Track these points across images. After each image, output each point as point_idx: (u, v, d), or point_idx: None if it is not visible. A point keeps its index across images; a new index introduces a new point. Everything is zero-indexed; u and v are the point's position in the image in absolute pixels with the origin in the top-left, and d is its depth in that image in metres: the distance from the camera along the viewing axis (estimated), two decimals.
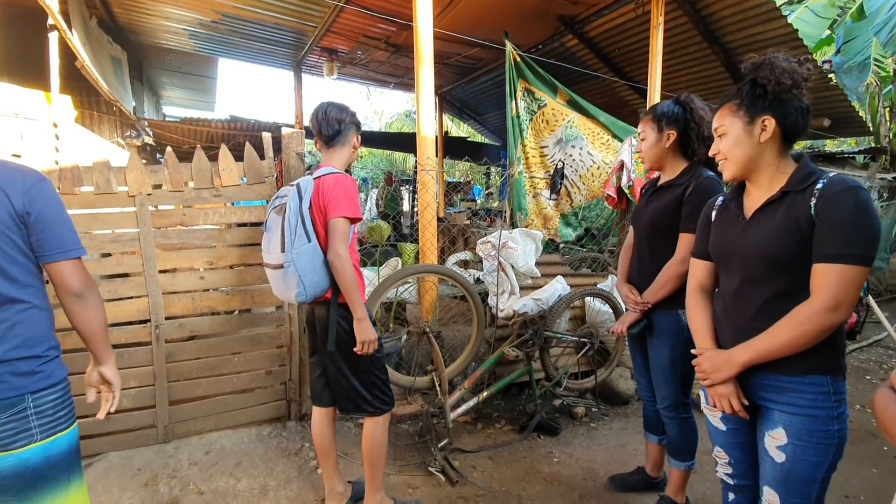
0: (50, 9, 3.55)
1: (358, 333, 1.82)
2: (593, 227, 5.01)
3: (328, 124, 1.91)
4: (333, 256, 1.77)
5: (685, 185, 1.85)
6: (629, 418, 3.08)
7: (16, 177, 1.16)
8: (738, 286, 1.32)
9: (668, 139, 1.89)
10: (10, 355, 1.16)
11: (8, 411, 1.15)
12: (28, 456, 1.17)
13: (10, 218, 1.14)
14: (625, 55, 6.48)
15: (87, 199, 2.40)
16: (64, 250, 1.23)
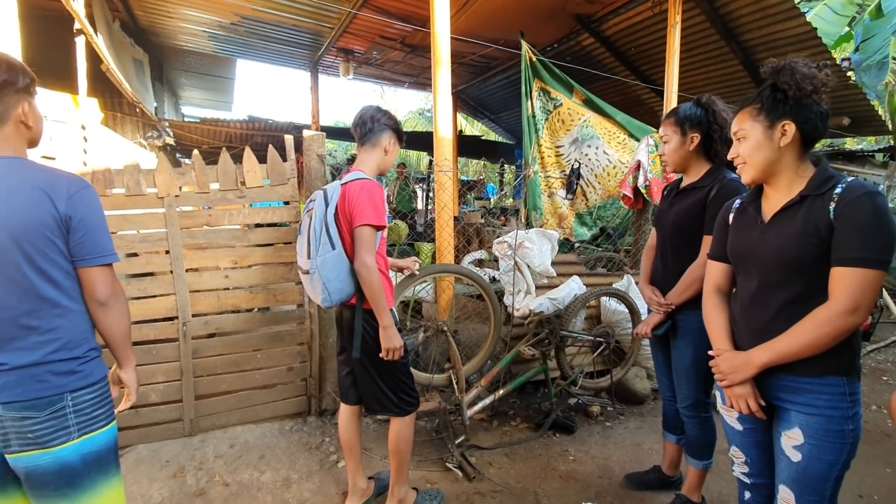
0: (77, 13, 3.65)
1: (384, 341, 1.84)
2: (609, 226, 5.00)
3: (363, 122, 1.94)
4: (360, 266, 1.78)
5: (709, 187, 1.86)
6: (645, 417, 3.09)
7: (60, 182, 1.20)
8: (757, 288, 1.34)
9: (692, 142, 1.91)
10: (51, 357, 1.20)
11: (47, 409, 1.19)
12: (65, 454, 1.21)
13: (54, 221, 1.18)
14: (641, 54, 6.43)
15: (119, 201, 2.49)
16: (99, 255, 1.25)
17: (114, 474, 1.34)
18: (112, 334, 1.32)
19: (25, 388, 1.17)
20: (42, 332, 1.19)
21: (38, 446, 1.18)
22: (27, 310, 1.17)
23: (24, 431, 1.17)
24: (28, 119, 1.22)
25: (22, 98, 1.20)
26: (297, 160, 2.82)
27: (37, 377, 1.18)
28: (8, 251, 1.14)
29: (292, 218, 2.84)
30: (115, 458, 1.36)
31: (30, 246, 1.15)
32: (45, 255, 1.18)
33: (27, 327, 1.18)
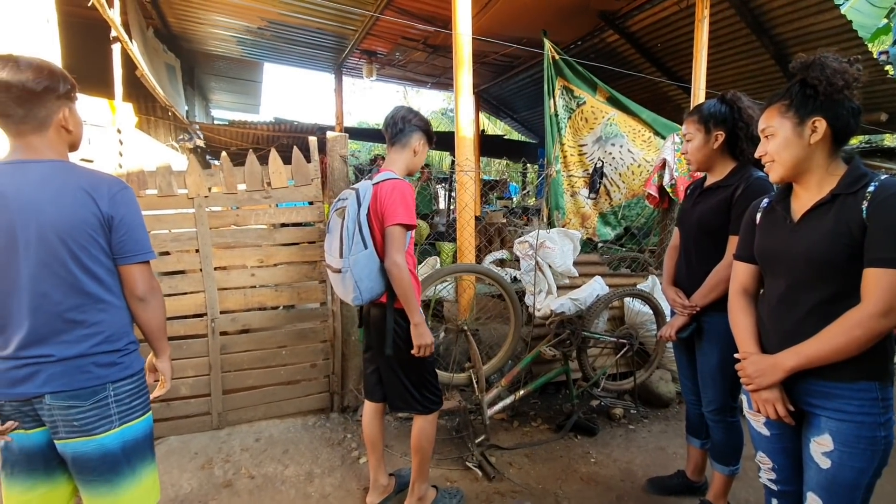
0: (113, 21, 3.81)
1: (415, 338, 1.87)
2: (633, 226, 4.92)
3: (394, 123, 1.96)
4: (391, 265, 1.80)
5: (735, 186, 1.82)
6: (669, 421, 3.03)
7: (102, 184, 1.27)
8: (786, 290, 1.30)
9: (716, 140, 1.86)
10: (95, 350, 1.27)
11: (91, 399, 1.26)
12: (108, 441, 1.28)
13: (97, 220, 1.24)
14: (668, 50, 6.30)
15: (151, 202, 2.59)
16: (139, 253, 1.32)
17: (150, 461, 1.41)
18: (150, 327, 1.40)
19: (71, 378, 1.24)
20: (87, 326, 1.26)
21: (82, 434, 1.25)
22: (73, 305, 1.24)
23: (69, 420, 1.24)
24: (69, 123, 1.28)
25: (63, 103, 1.26)
26: (321, 161, 2.88)
27: (81, 368, 1.25)
28: (55, 249, 1.20)
29: (316, 218, 2.89)
30: (151, 446, 1.42)
31: (75, 244, 1.22)
32: (89, 252, 1.24)
33: (73, 321, 1.24)
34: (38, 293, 1.21)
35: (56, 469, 1.31)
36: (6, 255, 1.19)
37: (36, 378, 1.22)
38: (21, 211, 1.18)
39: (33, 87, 1.19)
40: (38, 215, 1.19)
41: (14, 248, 1.19)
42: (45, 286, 1.21)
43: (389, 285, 1.86)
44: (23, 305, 1.21)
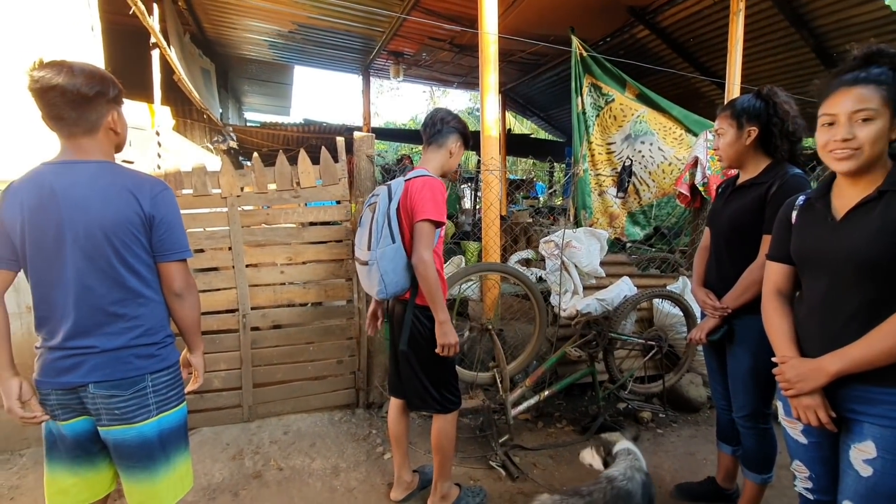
0: (153, 28, 3.97)
1: (439, 336, 1.86)
2: (663, 226, 4.80)
3: (432, 123, 1.99)
4: (417, 261, 1.80)
5: (769, 183, 1.75)
6: (699, 426, 2.95)
7: (145, 184, 1.33)
8: (828, 291, 1.25)
9: (749, 136, 1.80)
10: (135, 342, 1.33)
11: (131, 389, 1.32)
12: (146, 429, 1.35)
13: (139, 219, 1.31)
14: (701, 44, 6.12)
15: (187, 201, 2.69)
16: (177, 251, 1.37)
17: (184, 450, 1.47)
18: (185, 322, 1.45)
19: (113, 369, 1.30)
20: (127, 320, 1.32)
21: (123, 422, 1.32)
22: (115, 299, 1.31)
23: (111, 408, 1.31)
24: (116, 126, 1.35)
25: (112, 107, 1.33)
26: (348, 161, 2.93)
27: (122, 360, 1.31)
28: (101, 246, 1.27)
29: (343, 216, 2.95)
30: (186, 435, 1.49)
31: (118, 241, 1.28)
32: (131, 250, 1.31)
33: (115, 314, 1.31)
34: (83, 287, 1.28)
35: (98, 455, 1.38)
36: (55, 249, 1.26)
37: (81, 368, 1.29)
38: (70, 208, 1.25)
39: (86, 92, 1.25)
40: (86, 213, 1.26)
41: (62, 244, 1.26)
42: (90, 280, 1.28)
43: (414, 281, 1.87)
44: (69, 298, 1.28)
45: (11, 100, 2.47)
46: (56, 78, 1.22)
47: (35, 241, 1.26)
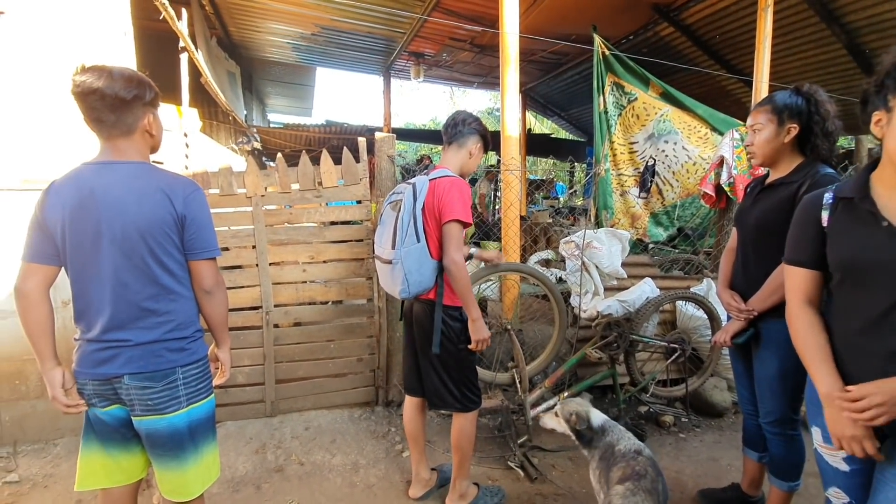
0: (182, 33, 4.08)
1: (473, 333, 1.90)
2: (687, 226, 4.71)
3: (453, 123, 2.01)
4: (449, 262, 1.81)
5: (799, 182, 1.70)
6: (724, 431, 2.89)
7: (178, 185, 1.38)
8: (891, 305, 1.10)
9: (788, 133, 1.74)
10: (167, 336, 1.38)
11: (163, 381, 1.37)
12: (177, 420, 1.40)
13: (172, 219, 1.35)
14: (727, 41, 5.98)
15: (214, 200, 2.75)
16: (207, 250, 1.42)
17: (212, 440, 1.51)
18: (214, 318, 1.50)
19: (146, 361, 1.36)
20: (160, 315, 1.37)
21: (155, 412, 1.37)
22: (149, 295, 1.36)
23: (144, 399, 1.36)
24: (152, 128, 1.40)
25: (148, 110, 1.38)
26: (369, 161, 2.96)
27: (155, 353, 1.37)
28: (136, 244, 1.32)
29: (364, 216, 2.98)
30: (213, 427, 1.53)
31: (152, 240, 1.33)
32: (164, 248, 1.36)
33: (148, 310, 1.36)
34: (119, 283, 1.33)
35: (131, 441, 1.44)
36: (93, 247, 1.32)
37: (116, 360, 1.34)
38: (108, 208, 1.30)
39: (124, 96, 1.30)
40: (123, 213, 1.31)
41: (100, 241, 1.31)
42: (126, 277, 1.33)
43: (438, 281, 1.89)
44: (105, 293, 1.33)
45: (54, 103, 2.58)
46: (96, 82, 1.27)
47: (75, 239, 1.32)
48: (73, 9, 2.60)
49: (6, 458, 2.55)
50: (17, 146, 2.57)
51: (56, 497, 2.26)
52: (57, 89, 2.60)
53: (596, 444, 1.89)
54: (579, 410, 1.95)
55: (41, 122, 2.59)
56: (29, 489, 2.32)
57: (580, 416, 1.93)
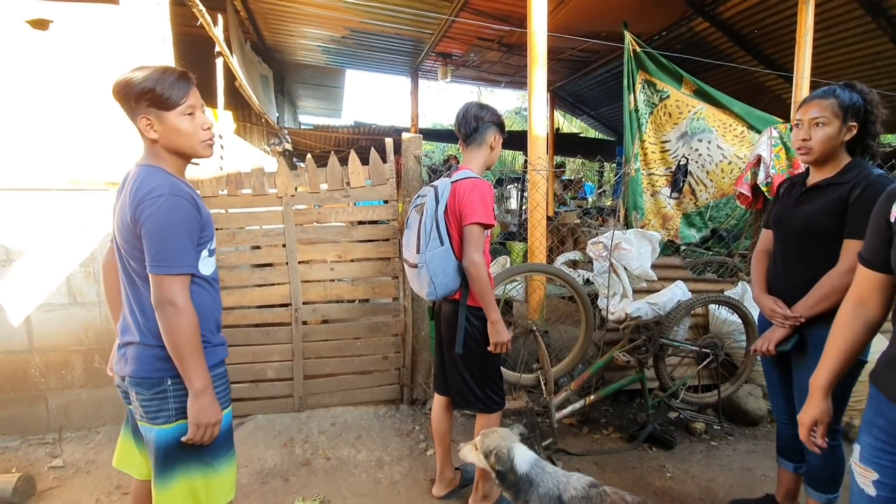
0: (217, 38, 4.22)
1: (493, 335, 1.88)
2: (721, 228, 4.56)
3: (466, 121, 1.95)
4: (469, 263, 1.81)
5: (850, 184, 1.62)
6: (758, 440, 2.78)
7: (139, 191, 1.26)
8: None
9: (849, 132, 1.66)
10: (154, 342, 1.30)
11: (152, 389, 1.31)
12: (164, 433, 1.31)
13: (132, 226, 1.27)
14: (766, 36, 5.76)
15: (247, 200, 2.84)
16: (151, 264, 1.25)
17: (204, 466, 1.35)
18: (166, 341, 1.27)
19: (138, 366, 1.33)
20: (149, 319, 1.31)
21: (147, 420, 1.34)
22: (136, 298, 1.34)
23: (139, 404, 1.34)
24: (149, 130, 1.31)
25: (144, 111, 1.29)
26: (396, 161, 2.99)
27: (145, 358, 1.32)
28: (121, 249, 1.34)
29: (390, 216, 3.01)
30: (211, 452, 1.36)
31: (127, 246, 1.31)
32: (135, 255, 1.30)
33: (141, 312, 1.33)
34: (123, 285, 1.39)
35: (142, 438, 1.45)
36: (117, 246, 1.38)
37: (124, 360, 1.38)
38: (117, 212, 1.35)
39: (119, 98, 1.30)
40: (119, 217, 1.33)
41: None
42: (124, 279, 1.38)
43: (463, 282, 1.89)
44: (123, 293, 1.40)
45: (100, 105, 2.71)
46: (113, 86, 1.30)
47: (115, 238, 1.39)
48: (116, 16, 2.73)
49: (52, 444, 2.70)
50: (65, 148, 2.71)
51: (97, 482, 2.38)
52: (102, 92, 2.74)
53: (525, 497, 1.55)
54: (500, 448, 1.61)
55: (88, 123, 2.73)
56: (72, 474, 2.45)
57: (500, 455, 1.60)
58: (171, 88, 1.29)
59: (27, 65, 2.65)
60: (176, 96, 1.30)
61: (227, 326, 2.85)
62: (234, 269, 2.93)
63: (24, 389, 2.77)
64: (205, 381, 1.29)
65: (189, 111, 1.33)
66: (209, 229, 1.39)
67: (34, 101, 2.67)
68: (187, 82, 1.33)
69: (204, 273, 1.38)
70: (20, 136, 2.66)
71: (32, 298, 2.72)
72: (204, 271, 1.38)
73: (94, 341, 2.82)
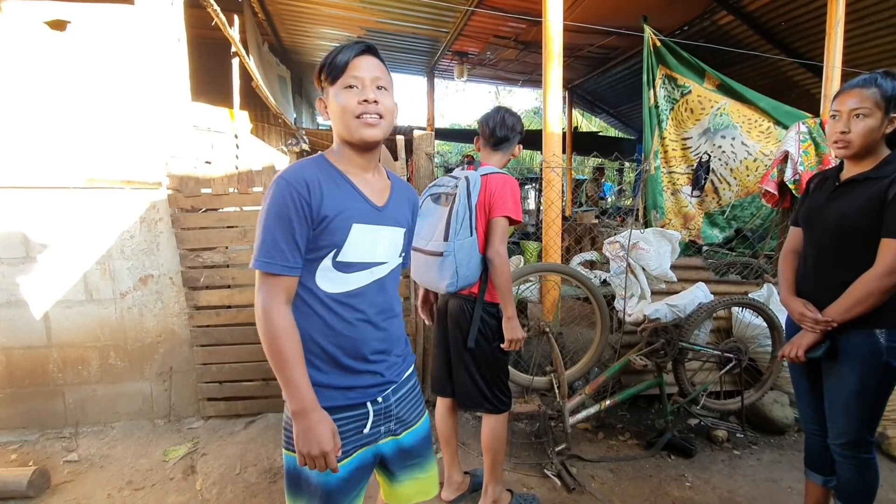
0: (234, 39, 4.25)
1: (507, 331, 1.87)
2: (746, 228, 4.40)
3: (503, 128, 2.00)
4: (494, 254, 1.82)
5: (891, 178, 1.52)
6: (784, 451, 2.65)
7: None
8: None
9: (892, 124, 1.56)
10: None
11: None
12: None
13: None
14: (793, 28, 5.55)
15: (259, 198, 2.84)
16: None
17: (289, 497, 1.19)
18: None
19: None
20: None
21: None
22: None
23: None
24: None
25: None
26: (411, 160, 2.95)
27: None
28: None
29: None
30: (292, 484, 1.18)
31: None
32: None
33: None
34: None
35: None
36: None
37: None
38: None
39: None
40: None
41: None
42: None
43: (482, 276, 1.88)
44: None
45: (115, 104, 2.74)
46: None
47: None
48: (131, 16, 2.76)
49: (68, 438, 2.74)
50: (82, 146, 2.75)
51: (110, 477, 2.40)
52: (117, 92, 2.78)
53: None
54: None
55: (104, 123, 2.77)
56: (87, 468, 2.48)
57: None
58: (335, 57, 1.08)
59: (45, 65, 2.70)
60: (339, 63, 1.08)
61: (239, 324, 2.89)
62: (247, 268, 2.93)
63: (42, 384, 2.82)
64: (299, 404, 1.03)
65: (350, 83, 1.08)
66: (336, 235, 1.07)
67: (52, 101, 2.72)
68: (356, 49, 1.10)
69: (324, 288, 1.09)
70: (38, 135, 2.71)
71: (51, 295, 2.77)
72: (324, 286, 1.09)
73: (110, 338, 2.86)
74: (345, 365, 1.12)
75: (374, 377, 1.17)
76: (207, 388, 2.91)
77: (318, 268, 1.08)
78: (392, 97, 1.16)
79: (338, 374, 1.12)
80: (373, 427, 1.19)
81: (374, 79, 1.09)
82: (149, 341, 2.90)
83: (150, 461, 2.54)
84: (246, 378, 2.93)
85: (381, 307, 1.18)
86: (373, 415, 1.18)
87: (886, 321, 1.54)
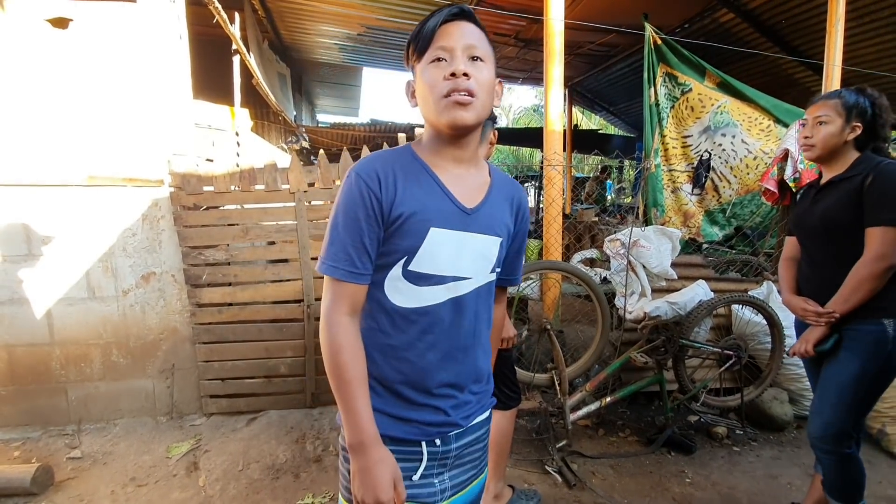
0: (234, 37, 4.25)
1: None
2: (746, 226, 4.41)
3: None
4: None
5: (863, 175, 1.64)
6: (784, 447, 2.67)
7: None
8: None
9: (853, 132, 1.69)
10: None
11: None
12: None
13: None
14: (794, 26, 5.55)
15: (260, 196, 2.85)
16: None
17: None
18: None
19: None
20: None
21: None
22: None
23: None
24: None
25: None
26: None
27: None
28: None
29: None
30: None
31: None
32: None
33: None
34: None
35: None
36: None
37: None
38: None
39: None
40: None
41: None
42: None
43: None
44: None
45: (116, 101, 2.75)
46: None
47: None
48: (132, 14, 2.76)
49: (71, 435, 2.75)
50: (83, 144, 2.75)
51: (113, 474, 2.41)
52: (118, 89, 2.78)
53: None
54: None
55: (105, 120, 2.77)
56: (90, 465, 2.49)
57: None
58: (422, 26, 0.90)
59: (47, 63, 2.70)
60: (426, 33, 0.89)
61: (241, 322, 2.90)
62: (248, 265, 2.94)
63: (45, 382, 2.83)
64: (356, 437, 0.88)
65: (438, 55, 0.89)
66: (408, 239, 0.90)
67: (53, 99, 2.72)
68: (446, 14, 0.90)
69: (393, 300, 0.93)
70: (40, 133, 2.71)
71: (54, 292, 2.78)
72: (393, 297, 0.93)
73: (112, 335, 2.87)
74: (402, 395, 0.94)
75: (436, 414, 0.96)
76: (210, 386, 2.92)
77: (387, 276, 0.92)
78: (491, 70, 0.93)
79: (393, 401, 0.95)
80: (424, 474, 0.96)
81: (466, 47, 0.88)
82: (151, 339, 2.91)
83: (153, 458, 2.55)
84: (248, 375, 2.94)
85: (457, 332, 0.96)
86: (426, 458, 0.96)
87: (894, 311, 1.60)
